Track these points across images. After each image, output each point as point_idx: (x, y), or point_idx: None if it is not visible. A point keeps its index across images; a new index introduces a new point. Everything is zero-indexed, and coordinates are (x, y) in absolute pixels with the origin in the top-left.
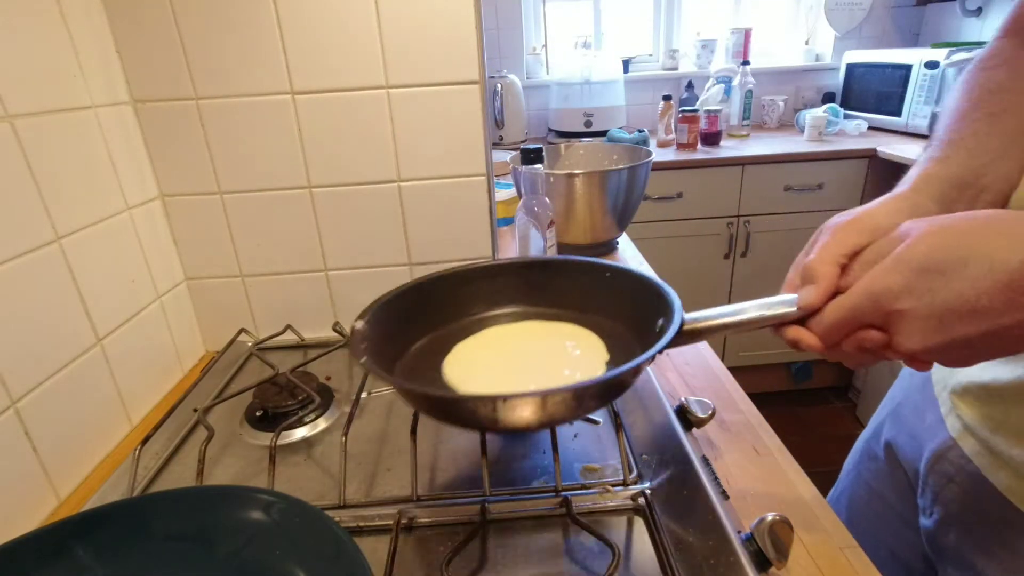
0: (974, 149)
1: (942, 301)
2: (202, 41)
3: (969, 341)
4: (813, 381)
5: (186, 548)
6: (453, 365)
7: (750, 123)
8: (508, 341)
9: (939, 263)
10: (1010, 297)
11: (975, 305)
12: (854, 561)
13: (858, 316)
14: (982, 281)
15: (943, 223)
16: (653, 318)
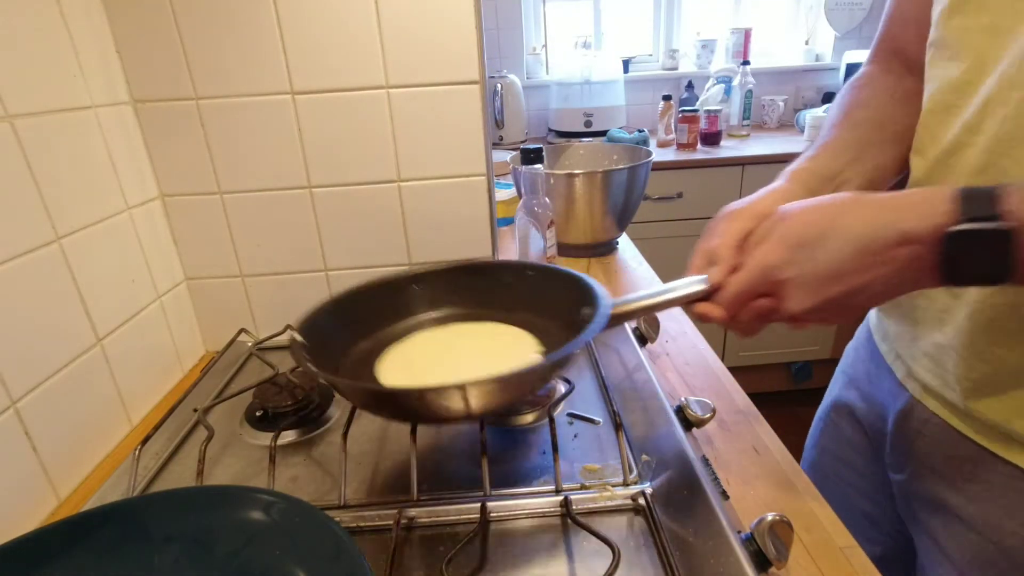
0: (837, 151)
1: (812, 269)
2: (202, 41)
3: (837, 300)
4: (813, 381)
5: (186, 548)
6: (386, 367)
7: (750, 123)
8: (439, 343)
9: (809, 238)
10: (859, 261)
11: (837, 270)
12: (854, 561)
13: (753, 287)
14: (838, 251)
15: (809, 205)
16: (578, 308)
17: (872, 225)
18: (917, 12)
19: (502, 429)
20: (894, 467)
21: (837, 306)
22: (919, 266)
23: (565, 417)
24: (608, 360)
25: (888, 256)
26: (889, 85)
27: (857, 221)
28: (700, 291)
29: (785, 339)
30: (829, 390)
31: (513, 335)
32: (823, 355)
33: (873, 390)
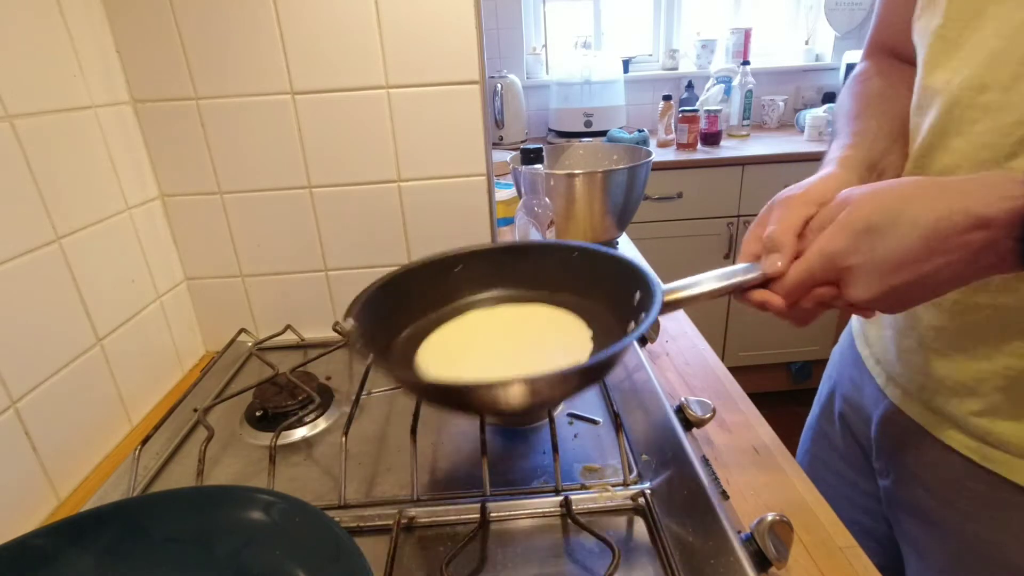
0: (872, 142)
1: (880, 256)
2: (202, 41)
3: (904, 287)
4: (813, 381)
5: (186, 548)
6: (430, 352)
7: (750, 123)
8: (486, 327)
9: (875, 224)
10: (930, 247)
11: (904, 257)
12: (854, 561)
13: (816, 275)
14: (907, 237)
15: (875, 189)
16: (628, 292)
17: (941, 210)
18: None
19: (502, 429)
20: (881, 473)
21: (905, 294)
22: (995, 251)
23: (565, 417)
24: None
25: (960, 242)
26: (895, 75)
27: (925, 206)
28: (757, 277)
29: (785, 339)
30: (817, 397)
31: (561, 318)
32: (823, 355)
33: (858, 396)
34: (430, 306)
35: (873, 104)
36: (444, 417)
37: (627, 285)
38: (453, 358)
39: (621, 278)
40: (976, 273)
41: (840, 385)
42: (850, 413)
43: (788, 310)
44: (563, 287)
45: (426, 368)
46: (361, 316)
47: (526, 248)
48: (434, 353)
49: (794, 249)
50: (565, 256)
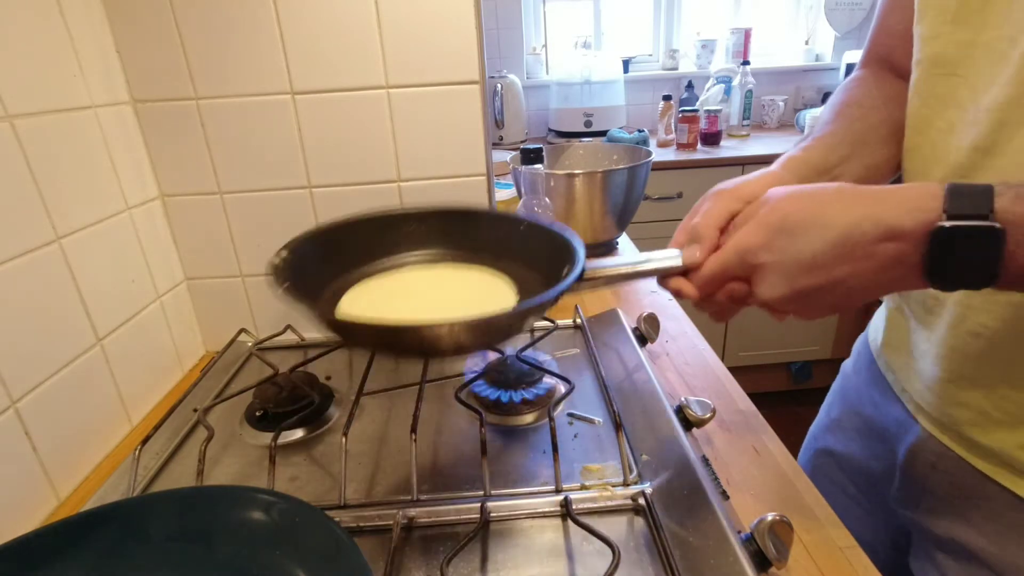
0: (831, 146)
1: (790, 257)
2: (202, 41)
3: (812, 292)
4: (813, 381)
5: (186, 548)
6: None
7: (750, 123)
8: (418, 282)
9: (790, 225)
10: (838, 253)
11: (813, 261)
12: (854, 561)
13: (728, 270)
14: (818, 241)
15: (796, 191)
16: (561, 267)
17: (856, 216)
18: (903, 29)
19: (502, 429)
20: (903, 502)
21: (813, 298)
22: (903, 264)
23: (565, 417)
24: (608, 360)
25: (869, 251)
26: (883, 86)
27: (841, 211)
28: (676, 266)
29: (785, 339)
30: (825, 410)
31: (493, 282)
32: (823, 355)
33: (879, 416)
34: (370, 258)
35: (844, 111)
36: (444, 417)
37: (560, 259)
38: (375, 305)
39: (557, 253)
40: (886, 285)
41: (860, 404)
42: (869, 435)
43: (702, 301)
44: (505, 256)
45: (347, 310)
46: (295, 254)
47: (476, 214)
48: (359, 299)
49: (714, 242)
50: (513, 227)
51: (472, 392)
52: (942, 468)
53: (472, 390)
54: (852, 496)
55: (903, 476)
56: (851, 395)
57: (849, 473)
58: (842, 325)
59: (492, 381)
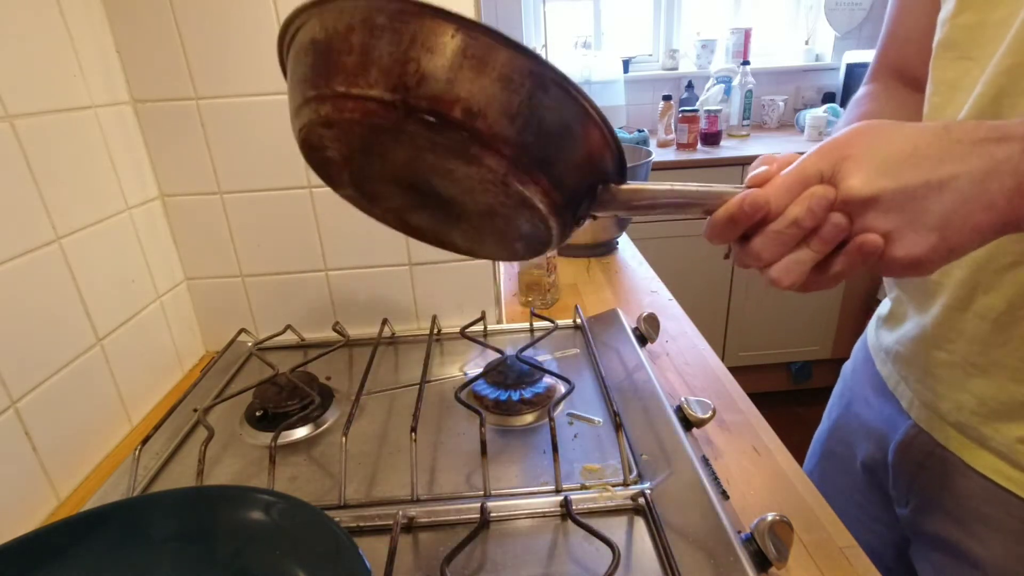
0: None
1: (885, 150)
2: (202, 41)
3: (918, 190)
4: (813, 381)
5: (186, 548)
6: None
7: (750, 123)
8: None
9: (877, 128)
10: (946, 144)
11: (915, 150)
12: (854, 561)
13: (808, 172)
14: (921, 131)
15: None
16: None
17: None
18: (918, 33)
19: (502, 429)
20: (898, 501)
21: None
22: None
23: (565, 417)
24: (608, 360)
25: (981, 149)
26: (895, 100)
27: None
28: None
29: (785, 339)
30: (827, 413)
31: None
32: (823, 355)
33: (873, 417)
34: None
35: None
36: (444, 417)
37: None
38: None
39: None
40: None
41: (854, 404)
42: (864, 435)
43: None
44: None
45: None
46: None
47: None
48: None
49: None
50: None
51: (472, 392)
52: (929, 466)
53: (472, 390)
54: (858, 503)
55: (894, 474)
56: (848, 396)
57: (853, 476)
58: (842, 325)
59: (492, 381)
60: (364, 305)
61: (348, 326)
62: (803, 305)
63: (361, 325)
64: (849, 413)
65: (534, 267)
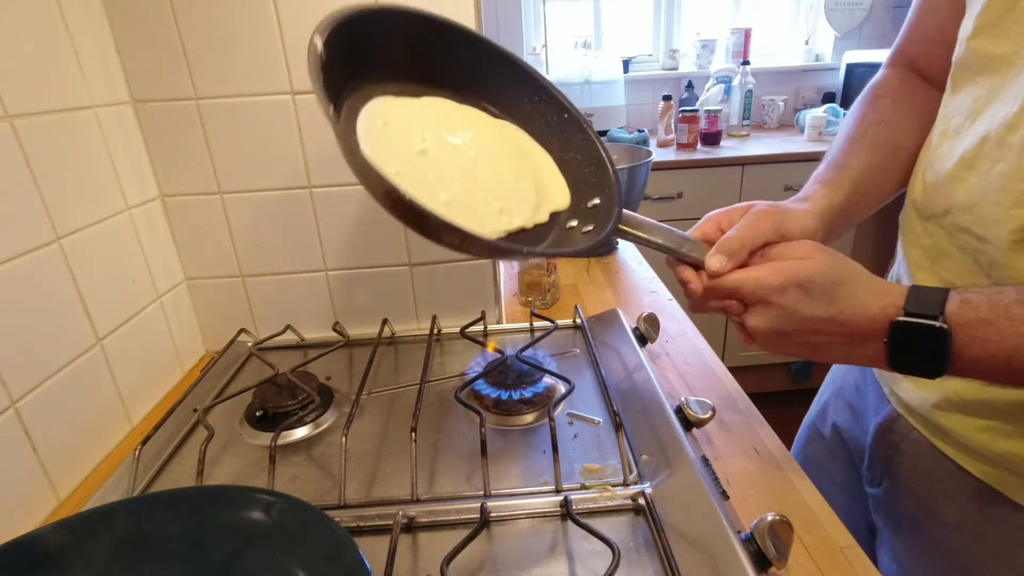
0: (857, 181)
1: (793, 309)
2: (202, 41)
3: (786, 336)
4: (813, 381)
5: (186, 548)
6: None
7: (750, 123)
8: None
9: (809, 286)
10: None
11: (807, 320)
12: (854, 561)
13: (740, 291)
14: (820, 307)
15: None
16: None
17: (855, 303)
18: (939, 33)
19: (502, 429)
20: (869, 481)
21: (784, 341)
22: (873, 347)
23: (565, 417)
24: (608, 360)
25: (849, 329)
26: (910, 96)
27: (848, 295)
28: (697, 259)
29: None
30: (817, 398)
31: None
32: None
33: (859, 402)
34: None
35: (872, 131)
36: (444, 417)
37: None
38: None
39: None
40: (857, 359)
41: (843, 390)
42: (847, 418)
43: (698, 300)
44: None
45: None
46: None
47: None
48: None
49: (741, 262)
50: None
51: (472, 392)
52: (905, 450)
53: (472, 390)
54: (839, 483)
55: (871, 456)
56: (839, 383)
57: (837, 458)
58: None
59: (492, 381)
60: (364, 305)
61: (348, 326)
62: None
63: (361, 325)
64: (838, 398)
65: (534, 267)
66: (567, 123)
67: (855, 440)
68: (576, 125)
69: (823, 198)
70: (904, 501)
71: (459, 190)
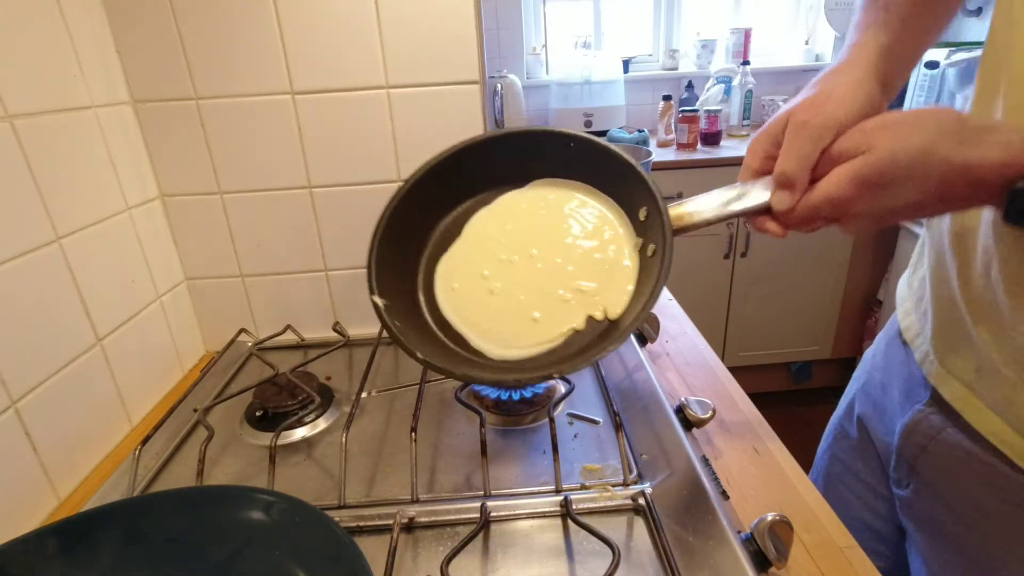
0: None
1: (883, 206)
2: (202, 41)
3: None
4: (813, 381)
5: (186, 548)
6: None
7: (750, 123)
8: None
9: (887, 179)
10: (928, 198)
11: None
12: (854, 561)
13: (820, 215)
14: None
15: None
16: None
17: (955, 166)
18: None
19: (502, 429)
20: (896, 481)
21: (902, 218)
22: (978, 202)
23: (565, 417)
24: (608, 360)
25: (955, 195)
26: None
27: (940, 162)
28: (763, 205)
29: (785, 339)
30: (844, 395)
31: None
32: (823, 355)
33: (885, 400)
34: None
35: None
36: (444, 417)
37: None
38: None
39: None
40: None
41: (869, 386)
42: (873, 417)
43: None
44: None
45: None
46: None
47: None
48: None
49: (805, 185)
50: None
51: (472, 392)
52: (933, 451)
53: (472, 390)
54: (866, 482)
55: (897, 456)
56: (864, 379)
57: (864, 457)
58: (842, 325)
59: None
60: (364, 305)
61: (348, 326)
62: (803, 305)
63: (361, 325)
64: (864, 395)
65: None
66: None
67: (881, 440)
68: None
69: (870, 49)
70: (932, 504)
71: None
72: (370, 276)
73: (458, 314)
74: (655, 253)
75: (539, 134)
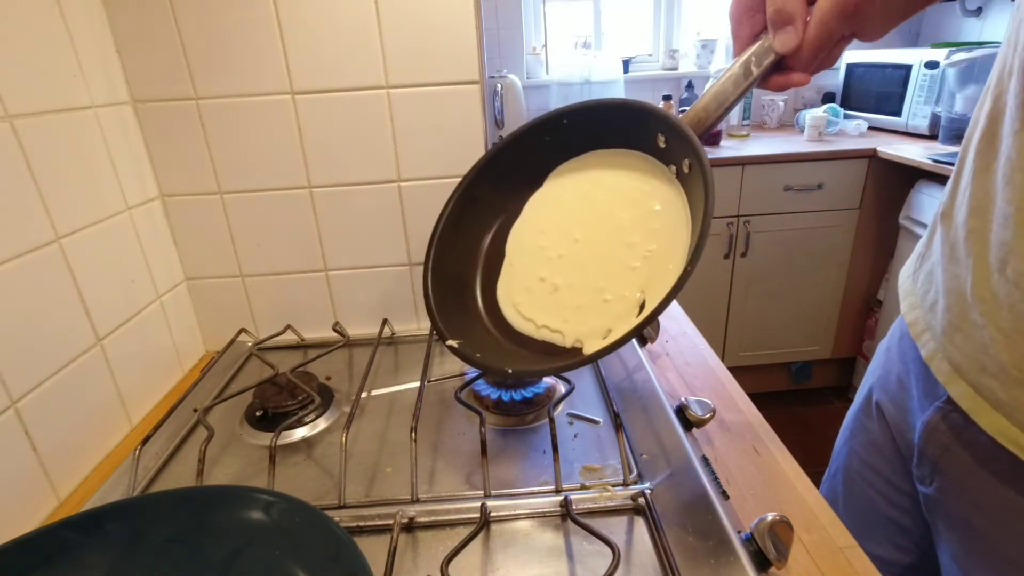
0: None
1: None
2: (202, 41)
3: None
4: (813, 381)
5: (186, 548)
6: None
7: (750, 123)
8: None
9: None
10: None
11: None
12: (854, 561)
13: (832, 33)
14: None
15: None
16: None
17: None
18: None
19: (502, 429)
20: (920, 479)
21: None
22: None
23: (565, 417)
24: (608, 360)
25: None
26: None
27: None
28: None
29: (785, 339)
30: (859, 391)
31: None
32: (823, 355)
33: (904, 396)
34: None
35: None
36: (444, 417)
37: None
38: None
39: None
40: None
41: (885, 381)
42: (893, 413)
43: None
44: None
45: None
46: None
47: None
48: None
49: (805, 17)
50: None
51: (472, 392)
52: (956, 450)
53: (472, 390)
54: (887, 478)
55: (919, 454)
56: (878, 370)
57: (885, 454)
58: (842, 325)
59: (492, 381)
60: (364, 305)
61: (348, 326)
62: (803, 305)
63: (361, 325)
64: (880, 390)
65: None
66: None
67: (903, 436)
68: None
69: None
70: (959, 503)
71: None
72: (436, 325)
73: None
74: (691, 167)
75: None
